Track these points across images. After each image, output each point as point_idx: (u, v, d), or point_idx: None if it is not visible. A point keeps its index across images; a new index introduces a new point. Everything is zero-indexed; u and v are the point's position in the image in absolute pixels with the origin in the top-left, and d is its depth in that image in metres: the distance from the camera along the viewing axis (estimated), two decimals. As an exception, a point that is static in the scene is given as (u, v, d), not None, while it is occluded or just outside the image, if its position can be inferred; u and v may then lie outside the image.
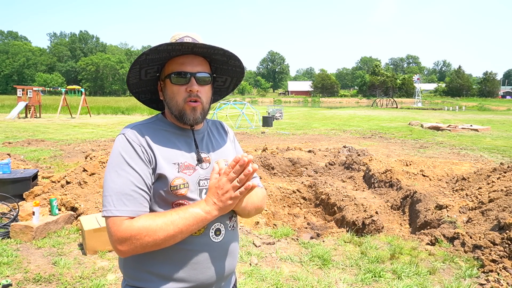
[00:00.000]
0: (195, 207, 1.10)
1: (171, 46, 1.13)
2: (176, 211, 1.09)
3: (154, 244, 1.06)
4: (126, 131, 1.18)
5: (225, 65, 1.30)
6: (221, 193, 1.09)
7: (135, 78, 1.24)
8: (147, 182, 1.12)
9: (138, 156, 1.13)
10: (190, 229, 1.09)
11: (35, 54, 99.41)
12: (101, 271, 3.38)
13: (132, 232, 1.05)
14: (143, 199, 1.10)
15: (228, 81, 1.40)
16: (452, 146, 12.06)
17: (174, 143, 1.21)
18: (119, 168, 1.11)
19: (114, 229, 1.06)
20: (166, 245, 1.09)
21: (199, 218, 1.09)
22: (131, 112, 28.76)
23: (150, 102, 1.38)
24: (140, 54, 1.14)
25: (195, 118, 1.20)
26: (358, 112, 34.50)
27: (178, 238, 1.09)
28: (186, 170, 1.18)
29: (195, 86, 1.18)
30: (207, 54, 1.22)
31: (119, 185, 1.09)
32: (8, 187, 5.31)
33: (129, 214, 1.07)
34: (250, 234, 4.36)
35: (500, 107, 48.72)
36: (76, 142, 12.00)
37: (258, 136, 14.85)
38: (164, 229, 1.05)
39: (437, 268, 3.46)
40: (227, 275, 1.26)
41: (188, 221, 1.08)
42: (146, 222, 1.06)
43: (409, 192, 5.61)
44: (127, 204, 1.07)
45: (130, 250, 1.06)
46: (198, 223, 1.09)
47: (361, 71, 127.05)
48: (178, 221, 1.07)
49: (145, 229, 1.05)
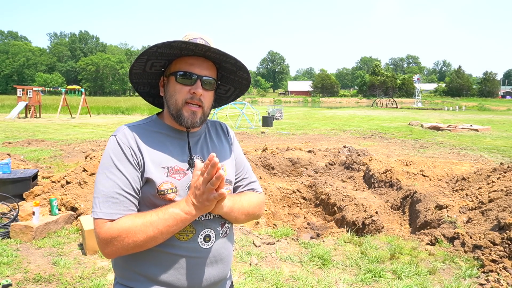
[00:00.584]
0: (175, 207, 1.08)
1: (185, 45, 1.12)
2: (156, 212, 1.07)
3: (135, 245, 1.05)
4: (117, 132, 1.17)
5: (233, 74, 1.28)
6: (198, 194, 1.06)
7: (139, 68, 1.23)
8: (134, 186, 1.11)
9: (126, 159, 1.12)
10: (171, 229, 1.07)
11: (35, 54, 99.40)
12: (101, 271, 3.38)
13: (113, 233, 1.04)
14: (128, 202, 1.10)
15: (231, 91, 1.38)
16: (452, 146, 12.06)
17: (166, 146, 1.19)
18: (107, 171, 1.11)
19: (97, 231, 1.07)
20: (149, 246, 1.08)
21: (178, 219, 1.07)
22: (131, 112, 28.77)
23: (147, 95, 1.36)
24: (152, 46, 1.12)
25: (193, 122, 1.18)
26: (358, 112, 34.50)
27: (159, 239, 1.07)
28: (176, 174, 1.16)
29: (200, 90, 1.16)
30: (218, 60, 1.21)
31: (106, 187, 1.09)
32: (8, 187, 5.31)
33: (110, 217, 1.06)
34: (250, 234, 4.36)
35: (500, 107, 48.72)
36: (76, 142, 11.99)
37: (258, 136, 14.85)
38: (143, 230, 1.04)
39: (437, 268, 3.46)
40: (217, 282, 1.23)
41: (168, 222, 1.06)
42: (126, 223, 1.05)
43: (409, 192, 5.61)
44: (111, 206, 1.07)
45: (113, 252, 1.06)
46: (178, 224, 1.07)
47: (361, 71, 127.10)
48: (158, 222, 1.05)
49: (125, 230, 1.04)
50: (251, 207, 1.29)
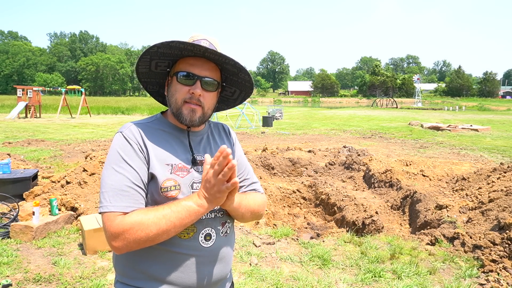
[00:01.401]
0: (188, 200, 1.09)
1: (183, 45, 1.13)
2: (168, 205, 1.08)
3: (147, 239, 1.05)
4: (123, 129, 1.18)
5: (235, 76, 1.29)
6: (209, 186, 1.07)
7: (144, 68, 1.25)
8: (143, 179, 1.12)
9: (135, 153, 1.13)
10: (183, 222, 1.07)
11: (35, 54, 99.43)
12: (101, 271, 3.38)
13: (125, 227, 1.03)
14: (138, 196, 1.10)
15: (236, 93, 1.38)
16: (452, 146, 12.06)
17: (170, 144, 1.20)
18: (115, 165, 1.11)
19: (108, 225, 1.05)
20: (160, 240, 1.08)
21: (191, 211, 1.08)
22: (131, 112, 28.78)
23: (157, 95, 1.38)
24: (152, 46, 1.14)
25: (192, 120, 1.19)
26: (358, 112, 34.50)
27: (171, 232, 1.07)
28: (179, 172, 1.17)
29: (198, 90, 1.17)
30: (219, 61, 1.21)
31: (115, 181, 1.09)
32: (8, 187, 5.30)
33: (123, 210, 1.06)
34: (250, 234, 4.36)
35: (500, 107, 48.73)
36: (76, 142, 11.99)
37: (258, 136, 14.85)
38: (156, 223, 1.04)
39: (437, 268, 3.46)
40: (217, 281, 1.24)
41: (181, 214, 1.06)
42: (138, 216, 1.05)
43: (409, 192, 5.61)
44: (122, 200, 1.07)
45: (124, 246, 1.05)
46: (191, 216, 1.08)
47: (361, 71, 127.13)
48: (170, 215, 1.06)
49: (137, 223, 1.04)
50: (256, 206, 1.31)
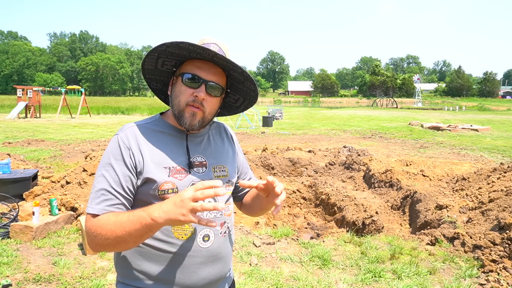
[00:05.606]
0: (145, 210, 1.00)
1: (193, 48, 1.12)
2: (128, 213, 1.04)
3: (107, 244, 1.04)
4: (121, 132, 1.18)
5: (241, 84, 1.28)
6: (178, 205, 0.94)
7: (150, 65, 1.24)
8: (125, 185, 1.12)
9: (122, 159, 1.13)
10: (139, 233, 0.99)
11: (35, 54, 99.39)
12: (101, 271, 3.38)
13: (91, 229, 1.06)
14: (116, 200, 1.10)
15: (240, 101, 1.37)
16: (452, 146, 12.06)
17: (169, 146, 1.20)
18: (103, 168, 1.13)
19: (85, 224, 1.11)
20: (122, 247, 1.05)
21: (143, 223, 0.98)
22: (131, 112, 28.77)
23: (160, 93, 1.38)
24: (161, 44, 1.13)
25: (191, 124, 1.18)
26: (358, 112, 34.49)
27: (129, 241, 1.01)
28: (178, 174, 1.16)
29: (202, 94, 1.16)
30: (226, 67, 1.21)
31: (100, 183, 1.11)
32: (8, 187, 5.30)
33: (96, 212, 1.08)
34: (250, 234, 4.35)
35: (500, 107, 48.73)
36: (76, 142, 11.99)
37: (258, 136, 14.85)
38: (112, 230, 1.02)
39: (437, 268, 3.46)
40: (216, 281, 1.24)
41: (135, 225, 0.99)
42: (102, 220, 1.06)
43: (409, 192, 5.61)
44: (99, 202, 1.09)
45: (95, 247, 1.07)
46: (144, 229, 0.98)
47: (361, 71, 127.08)
48: (126, 224, 1.01)
49: (99, 227, 1.04)
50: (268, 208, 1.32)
